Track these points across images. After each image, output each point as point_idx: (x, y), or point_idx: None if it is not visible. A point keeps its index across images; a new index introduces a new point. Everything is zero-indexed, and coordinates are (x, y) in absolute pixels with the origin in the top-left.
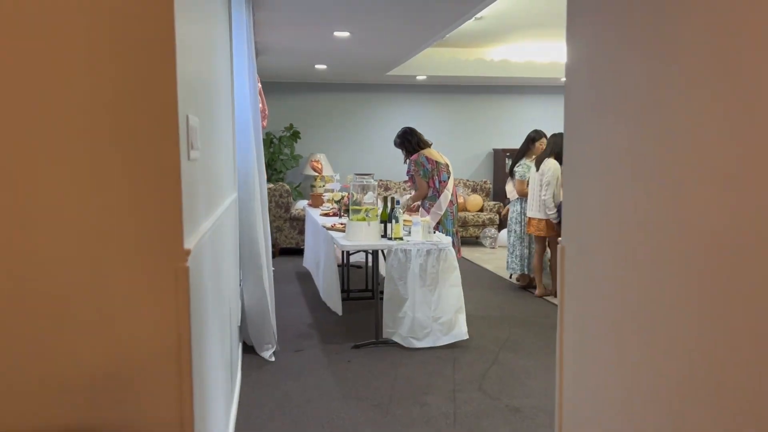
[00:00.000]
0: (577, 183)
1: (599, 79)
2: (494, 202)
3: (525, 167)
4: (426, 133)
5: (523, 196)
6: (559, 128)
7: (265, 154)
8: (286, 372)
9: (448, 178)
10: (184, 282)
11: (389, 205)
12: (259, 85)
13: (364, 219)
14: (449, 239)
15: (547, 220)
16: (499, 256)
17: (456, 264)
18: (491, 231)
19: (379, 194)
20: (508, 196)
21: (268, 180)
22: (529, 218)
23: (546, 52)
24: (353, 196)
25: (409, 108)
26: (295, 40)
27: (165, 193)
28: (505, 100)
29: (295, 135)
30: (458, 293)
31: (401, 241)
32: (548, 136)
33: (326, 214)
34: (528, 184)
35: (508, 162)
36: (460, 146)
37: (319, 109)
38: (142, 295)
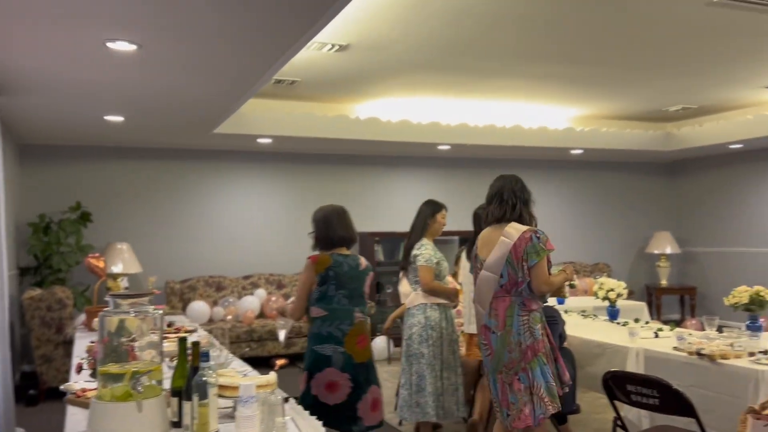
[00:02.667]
0: None
1: None
2: None
3: (431, 249)
4: (271, 214)
5: (432, 293)
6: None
7: (36, 245)
8: None
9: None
10: None
11: (187, 354)
12: None
13: (128, 395)
14: None
15: None
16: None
17: None
18: None
19: (173, 332)
20: (403, 301)
21: (41, 283)
22: (470, 335)
23: (426, 110)
24: (114, 343)
25: (249, 181)
26: (49, 50)
27: None
28: (374, 171)
29: (85, 218)
30: None
31: None
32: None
33: (93, 349)
34: (458, 275)
35: (378, 249)
36: None
37: (120, 183)
38: None
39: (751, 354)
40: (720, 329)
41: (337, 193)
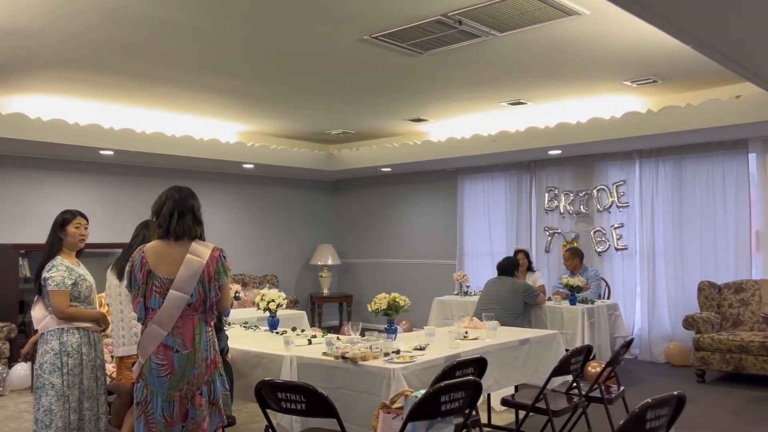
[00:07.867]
0: None
1: None
2: (1, 324)
3: (64, 270)
4: None
5: (71, 320)
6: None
7: None
8: None
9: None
10: None
11: None
12: None
13: None
14: None
15: None
16: (15, 411)
17: None
18: None
19: None
20: (36, 327)
21: None
22: (120, 359)
23: (91, 113)
24: None
25: None
26: None
27: None
28: (21, 175)
29: None
30: None
31: None
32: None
33: None
34: (105, 300)
35: (24, 263)
36: None
37: None
38: None
39: (386, 354)
40: (363, 333)
41: None
